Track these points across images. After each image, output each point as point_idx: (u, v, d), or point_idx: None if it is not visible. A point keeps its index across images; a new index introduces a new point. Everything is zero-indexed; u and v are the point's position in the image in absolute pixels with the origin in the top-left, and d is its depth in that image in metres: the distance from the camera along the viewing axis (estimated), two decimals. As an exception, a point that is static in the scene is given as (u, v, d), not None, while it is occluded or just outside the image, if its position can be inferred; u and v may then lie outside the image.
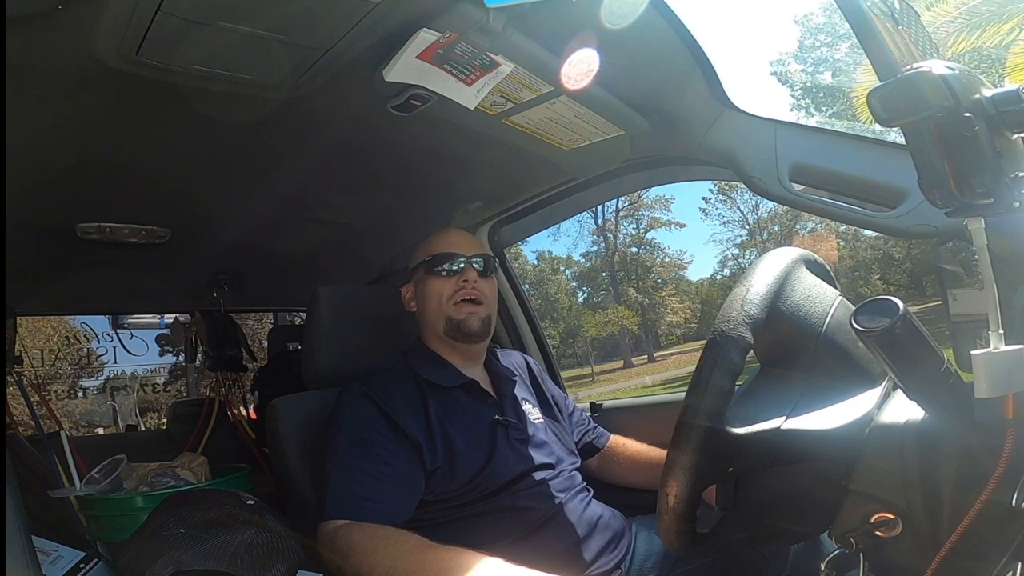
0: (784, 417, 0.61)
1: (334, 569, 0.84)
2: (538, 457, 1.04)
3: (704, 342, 0.61)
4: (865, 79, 8.87)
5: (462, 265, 1.07)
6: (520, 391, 1.16)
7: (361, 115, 0.98)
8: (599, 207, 18.04)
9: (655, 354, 19.87)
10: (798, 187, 0.93)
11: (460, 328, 1.05)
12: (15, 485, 0.68)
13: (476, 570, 0.71)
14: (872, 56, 0.57)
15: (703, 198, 20.11)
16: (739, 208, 19.77)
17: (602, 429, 1.30)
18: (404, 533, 0.82)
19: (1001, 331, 0.49)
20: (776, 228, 19.11)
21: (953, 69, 0.48)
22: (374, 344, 1.19)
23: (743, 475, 0.65)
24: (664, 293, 20.23)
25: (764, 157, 0.95)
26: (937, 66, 0.48)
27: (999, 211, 0.49)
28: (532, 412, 1.13)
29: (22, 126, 0.80)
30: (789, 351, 0.66)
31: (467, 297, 1.06)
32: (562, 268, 21.10)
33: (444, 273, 1.07)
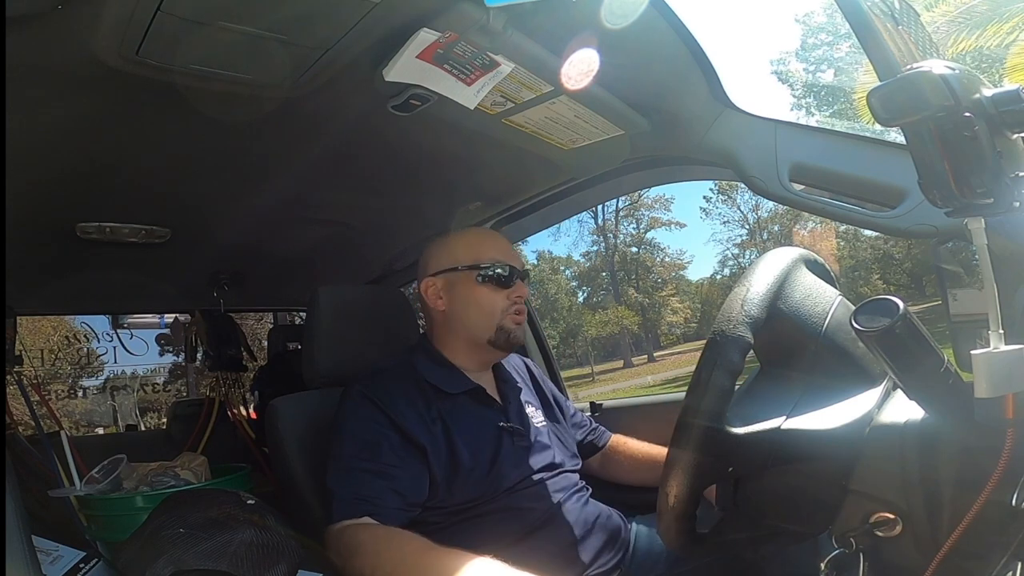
0: (784, 417, 0.61)
1: (339, 568, 0.85)
2: (540, 461, 1.05)
3: (704, 342, 0.61)
4: (866, 79, 8.86)
5: (516, 280, 1.08)
6: (524, 395, 1.16)
7: (361, 115, 0.98)
8: (599, 207, 18.09)
9: (655, 354, 19.87)
10: (798, 187, 0.93)
11: (510, 338, 1.07)
12: (15, 485, 0.68)
13: (477, 572, 0.72)
14: (872, 56, 0.57)
15: (703, 198, 20.15)
16: (739, 208, 19.80)
17: (603, 428, 1.30)
18: (408, 534, 0.84)
19: (1001, 331, 0.49)
20: (776, 228, 19.11)
21: (953, 69, 0.48)
22: (374, 344, 1.19)
23: (743, 475, 0.65)
24: (664, 293, 20.23)
25: (764, 157, 0.95)
26: (937, 66, 0.48)
27: (999, 211, 0.49)
28: (535, 416, 1.13)
29: (22, 126, 0.80)
30: (789, 351, 0.66)
31: (518, 311, 1.09)
32: (562, 268, 21.11)
33: (498, 284, 1.07)
